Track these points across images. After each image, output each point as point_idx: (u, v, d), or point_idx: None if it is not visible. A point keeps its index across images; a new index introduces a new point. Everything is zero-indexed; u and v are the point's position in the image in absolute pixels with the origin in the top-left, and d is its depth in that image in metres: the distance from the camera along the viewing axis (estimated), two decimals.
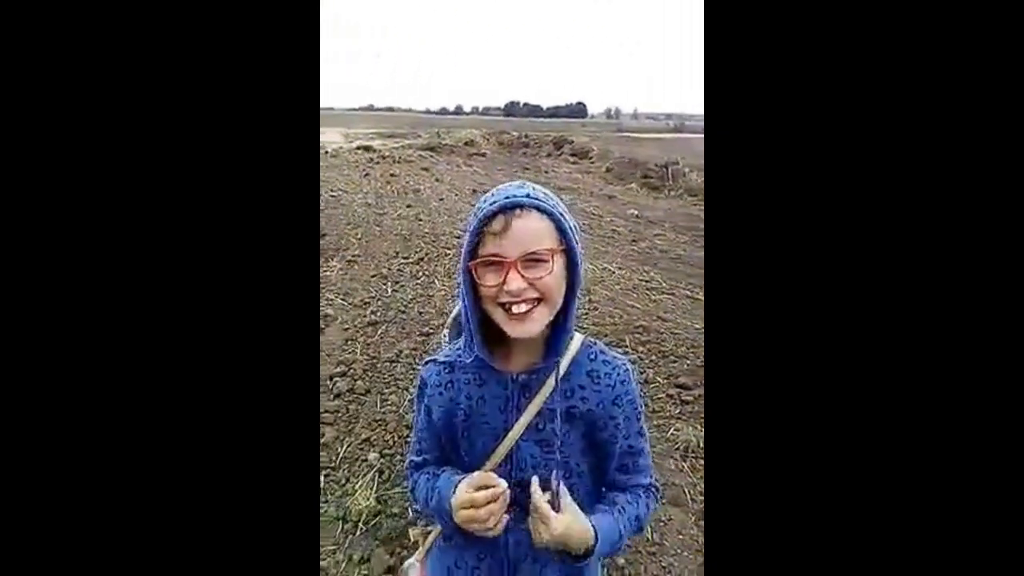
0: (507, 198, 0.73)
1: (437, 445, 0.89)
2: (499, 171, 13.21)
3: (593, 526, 0.78)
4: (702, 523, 2.21)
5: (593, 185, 11.92)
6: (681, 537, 2.15)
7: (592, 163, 15.05)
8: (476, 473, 0.80)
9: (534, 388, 0.81)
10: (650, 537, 2.12)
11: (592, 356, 0.84)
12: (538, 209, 0.74)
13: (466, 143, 17.58)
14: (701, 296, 4.93)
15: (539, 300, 0.74)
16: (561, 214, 0.75)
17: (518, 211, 0.73)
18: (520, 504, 0.81)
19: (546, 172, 13.86)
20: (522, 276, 0.72)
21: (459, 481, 0.80)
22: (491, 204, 0.73)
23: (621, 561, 2.00)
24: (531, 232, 0.73)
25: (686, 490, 2.40)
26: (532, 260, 0.73)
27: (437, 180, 11.14)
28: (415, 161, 13.53)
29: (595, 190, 11.14)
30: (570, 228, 0.76)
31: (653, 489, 0.90)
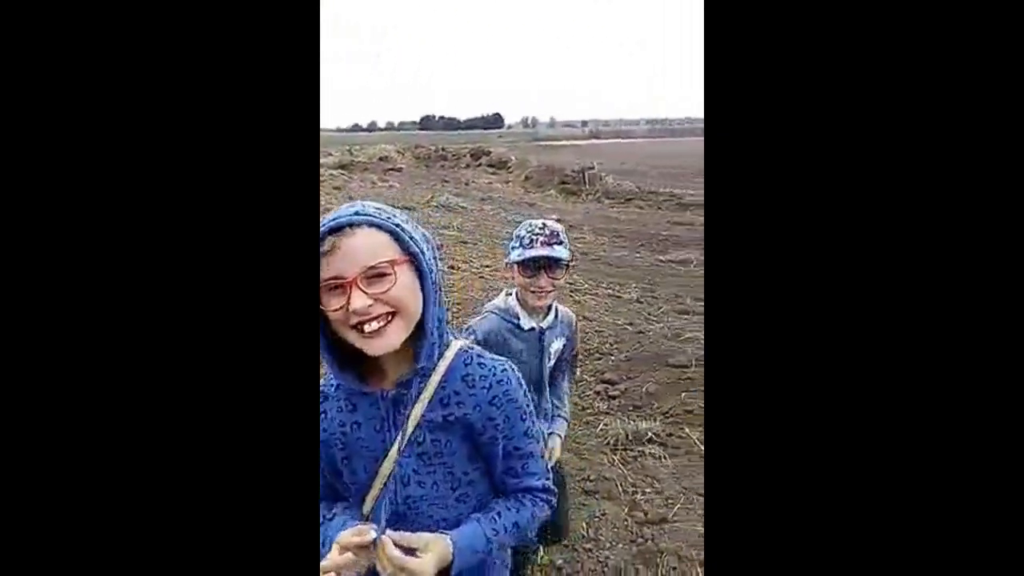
0: (334, 220, 0.72)
1: (320, 478, 0.86)
2: (417, 185, 13.04)
3: (452, 538, 0.78)
4: (635, 514, 2.27)
5: (513, 194, 12.09)
6: (616, 530, 2.19)
7: (511, 172, 15.27)
8: (358, 527, 0.77)
9: (407, 402, 0.79)
10: (585, 533, 2.15)
11: (467, 361, 0.83)
12: (370, 224, 0.73)
13: (380, 159, 17.22)
14: (622, 294, 5.11)
15: (393, 314, 0.73)
16: (398, 225, 0.75)
17: (347, 230, 0.71)
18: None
19: (466, 184, 13.86)
20: (365, 292, 0.71)
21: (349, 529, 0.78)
22: (320, 229, 0.72)
23: (560, 561, 2.01)
24: (365, 248, 0.71)
25: (618, 483, 2.46)
26: (373, 276, 0.71)
27: (350, 199, 10.77)
28: (325, 180, 13.03)
29: (516, 198, 11.30)
30: (411, 237, 0.75)
31: (544, 493, 0.89)
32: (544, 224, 1.38)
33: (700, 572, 1.97)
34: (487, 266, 6.02)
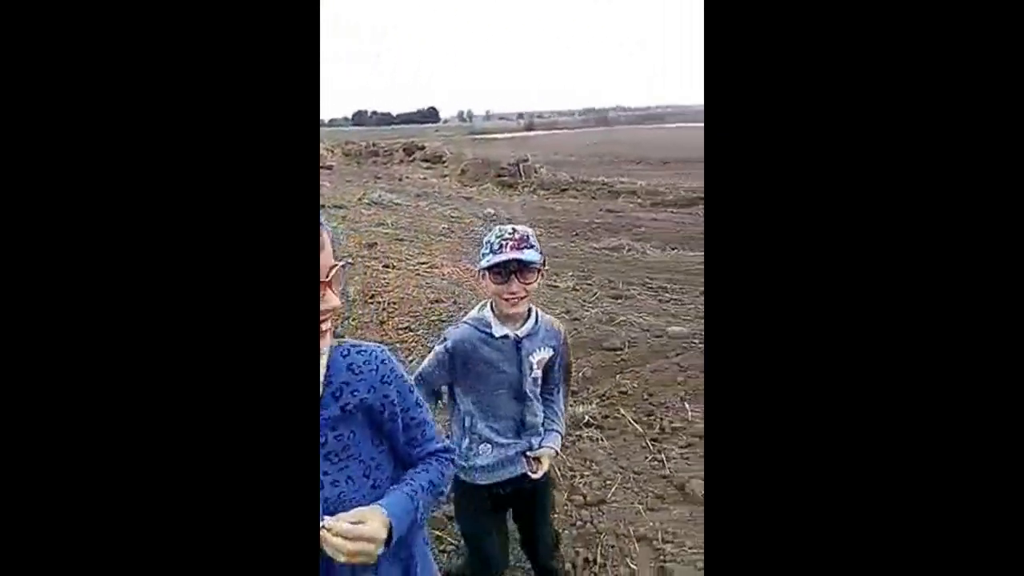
0: None
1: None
2: (348, 183, 12.65)
3: (382, 505, 0.81)
4: (575, 498, 2.32)
5: (449, 188, 11.97)
6: (556, 515, 2.22)
7: (446, 167, 15.11)
8: None
9: None
10: None
11: (345, 352, 0.85)
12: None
13: None
14: (558, 284, 5.18)
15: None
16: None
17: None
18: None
19: (400, 179, 13.61)
20: (335, 293, 0.76)
21: None
22: None
23: None
24: (328, 248, 0.76)
25: (557, 468, 2.49)
26: (335, 277, 0.76)
27: None
28: None
29: (452, 193, 11.20)
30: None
31: (446, 452, 0.95)
32: (514, 229, 1.35)
33: (636, 547, 2.04)
34: (424, 263, 5.93)
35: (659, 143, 23.71)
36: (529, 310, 1.41)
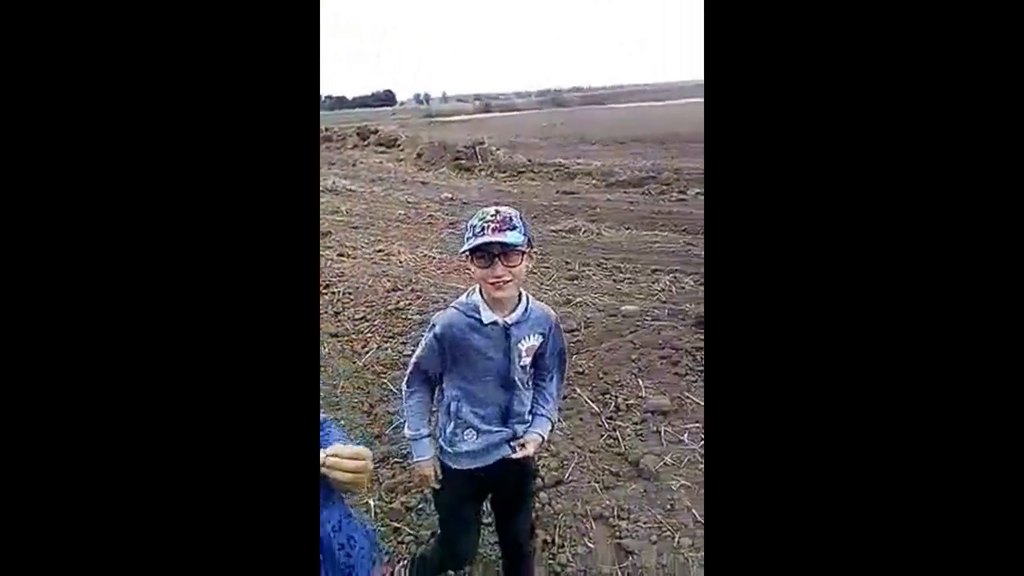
0: None
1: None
2: None
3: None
4: (533, 481, 2.34)
5: (405, 173, 11.75)
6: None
7: (402, 151, 14.80)
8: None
9: None
10: (485, 508, 2.18)
11: None
12: None
13: None
14: None
15: None
16: None
17: None
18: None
19: (354, 165, 13.26)
20: None
21: None
22: None
23: None
24: None
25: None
26: None
27: None
28: None
29: (408, 178, 10.99)
30: None
31: (327, 420, 1.08)
32: (497, 211, 1.29)
33: (593, 525, 2.08)
34: (380, 251, 5.82)
35: (615, 123, 23.89)
36: (520, 295, 1.37)
